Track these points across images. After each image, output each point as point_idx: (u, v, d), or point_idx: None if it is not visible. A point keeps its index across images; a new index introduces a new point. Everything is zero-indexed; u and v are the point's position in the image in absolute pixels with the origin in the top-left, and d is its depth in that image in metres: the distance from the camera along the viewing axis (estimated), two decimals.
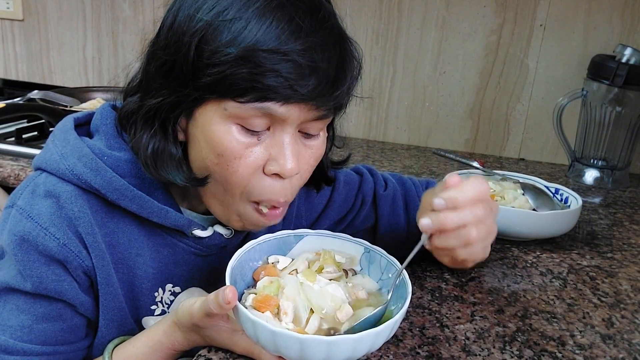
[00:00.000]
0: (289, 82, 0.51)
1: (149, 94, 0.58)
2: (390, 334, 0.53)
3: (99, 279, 0.60)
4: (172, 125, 0.58)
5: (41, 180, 0.60)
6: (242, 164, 0.56)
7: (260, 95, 0.52)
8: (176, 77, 0.55)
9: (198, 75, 0.53)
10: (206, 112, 0.55)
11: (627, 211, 1.14)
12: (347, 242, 0.65)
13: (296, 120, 0.55)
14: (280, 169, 0.56)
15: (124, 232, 0.62)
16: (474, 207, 0.55)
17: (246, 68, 0.51)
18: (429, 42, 1.48)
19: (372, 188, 0.82)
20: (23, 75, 1.91)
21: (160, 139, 0.58)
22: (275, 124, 0.55)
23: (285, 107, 0.53)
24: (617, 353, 0.63)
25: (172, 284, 0.67)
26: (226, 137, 0.55)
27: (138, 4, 1.72)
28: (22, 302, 0.58)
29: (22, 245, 0.57)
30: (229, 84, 0.52)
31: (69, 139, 0.60)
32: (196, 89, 0.54)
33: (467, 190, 0.55)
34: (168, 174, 0.58)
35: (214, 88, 0.53)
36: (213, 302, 0.51)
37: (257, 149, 0.56)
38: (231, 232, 0.67)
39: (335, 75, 0.54)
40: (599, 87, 1.24)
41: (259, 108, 0.53)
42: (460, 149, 1.53)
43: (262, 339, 0.50)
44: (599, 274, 0.83)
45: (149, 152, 0.58)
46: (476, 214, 0.55)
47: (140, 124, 0.59)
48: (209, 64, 0.52)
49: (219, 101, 0.54)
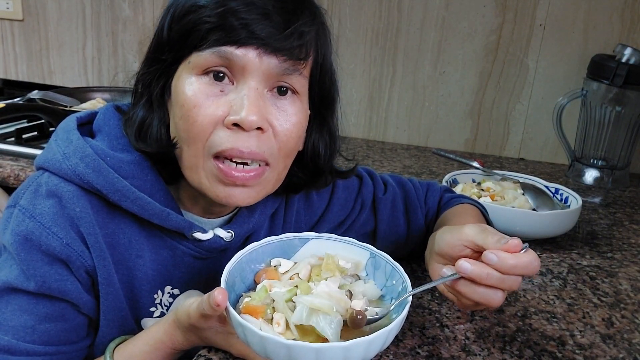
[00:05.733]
0: (240, 21, 0.55)
1: (141, 71, 0.63)
2: (385, 343, 0.51)
3: (100, 279, 0.60)
4: (157, 96, 0.61)
5: (44, 180, 0.60)
6: (200, 113, 0.56)
7: (216, 39, 0.55)
8: (157, 49, 0.60)
9: (170, 37, 0.58)
10: (177, 74, 0.59)
11: (627, 211, 1.14)
12: (353, 246, 0.64)
13: (257, 70, 0.56)
14: (239, 118, 0.56)
15: (125, 233, 0.62)
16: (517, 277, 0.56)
17: (206, 13, 0.55)
18: (429, 42, 1.48)
19: (372, 191, 0.82)
20: (23, 75, 1.91)
21: (147, 110, 0.62)
22: (238, 76, 0.57)
23: (241, 51, 0.55)
24: (617, 353, 0.63)
25: (171, 286, 0.67)
26: (188, 87, 0.57)
27: (138, 4, 1.72)
28: (25, 302, 0.58)
29: (25, 244, 0.57)
30: (192, 34, 0.56)
31: (72, 139, 0.60)
32: (170, 52, 0.59)
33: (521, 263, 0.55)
34: (147, 143, 0.61)
35: (181, 44, 0.57)
36: (206, 304, 0.51)
37: (218, 100, 0.57)
38: (231, 235, 0.67)
39: (288, 19, 0.57)
40: (598, 87, 1.24)
41: (217, 53, 0.56)
42: (460, 149, 1.53)
43: (252, 343, 0.49)
44: (599, 273, 0.83)
45: (137, 122, 0.61)
46: (512, 285, 0.55)
47: (135, 97, 0.63)
48: (178, 20, 0.57)
49: (186, 60, 0.58)
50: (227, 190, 0.59)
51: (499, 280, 0.55)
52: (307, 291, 0.55)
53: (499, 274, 0.55)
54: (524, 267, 0.55)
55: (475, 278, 0.55)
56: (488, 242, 0.57)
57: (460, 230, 0.61)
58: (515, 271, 0.55)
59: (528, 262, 0.55)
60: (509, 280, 0.55)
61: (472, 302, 0.57)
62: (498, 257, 0.55)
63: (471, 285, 0.56)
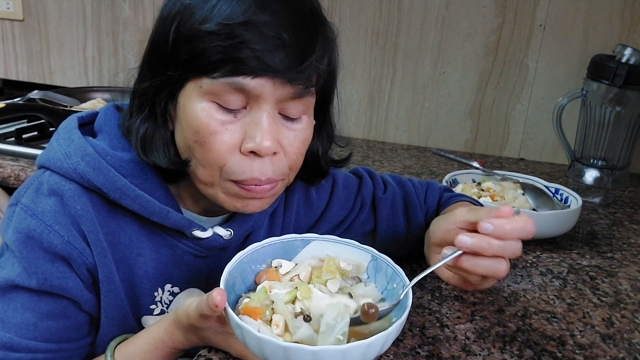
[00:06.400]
0: (256, 53, 0.53)
1: (141, 79, 0.61)
2: (383, 347, 0.51)
3: (101, 276, 0.61)
4: (161, 110, 0.60)
5: (45, 179, 0.60)
6: (217, 141, 0.56)
7: (230, 69, 0.54)
8: (160, 60, 0.58)
9: (177, 55, 0.56)
10: (186, 92, 0.57)
11: (627, 211, 1.14)
12: (355, 248, 0.63)
13: (270, 97, 0.56)
14: (255, 146, 0.56)
15: (125, 231, 0.63)
16: (517, 242, 0.56)
17: (217, 42, 0.53)
18: (429, 42, 1.48)
19: (372, 191, 0.82)
20: (23, 76, 1.91)
21: (150, 123, 0.60)
22: (251, 102, 0.56)
23: (256, 81, 0.54)
24: (617, 353, 0.63)
25: (171, 284, 0.67)
26: (202, 113, 0.56)
27: (138, 5, 1.72)
28: (27, 299, 0.59)
29: (27, 242, 0.57)
30: (202, 60, 0.54)
31: (73, 139, 0.61)
32: (175, 69, 0.56)
33: (517, 225, 0.56)
34: (155, 157, 0.60)
35: (190, 66, 0.55)
36: (204, 304, 0.51)
37: (233, 126, 0.57)
38: (230, 233, 0.67)
39: (303, 48, 0.55)
40: (598, 87, 1.24)
41: (231, 83, 0.54)
42: (460, 149, 1.53)
43: (249, 344, 0.49)
44: (599, 273, 0.83)
45: (140, 134, 0.60)
46: (514, 251, 0.56)
47: (134, 109, 0.61)
48: (185, 41, 0.55)
49: (196, 80, 0.56)
50: (243, 202, 0.61)
51: (500, 248, 0.56)
52: (306, 294, 0.55)
53: (499, 241, 0.56)
54: (521, 229, 0.57)
55: (477, 249, 0.56)
56: (480, 215, 0.60)
57: (452, 214, 0.64)
58: (513, 235, 0.56)
59: (524, 224, 0.57)
60: (509, 246, 0.56)
61: (478, 277, 0.58)
62: (494, 224, 0.56)
63: (474, 259, 0.57)
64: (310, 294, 0.55)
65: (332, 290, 0.57)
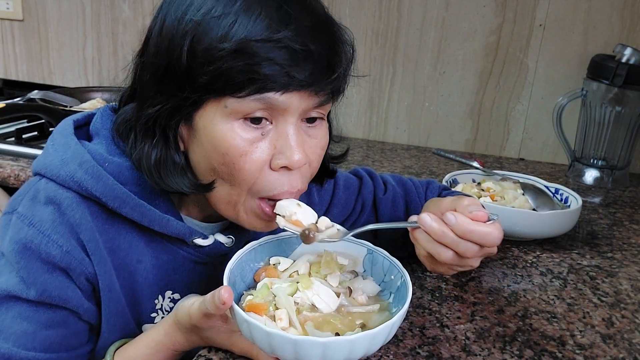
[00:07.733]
0: (284, 69, 0.51)
1: (146, 103, 0.57)
2: (388, 337, 0.52)
3: (101, 285, 0.60)
4: (173, 133, 0.57)
5: (41, 187, 0.59)
6: (248, 161, 0.55)
7: (258, 87, 0.52)
8: (171, 82, 0.54)
9: (194, 76, 0.52)
10: (206, 114, 0.55)
11: (627, 211, 1.14)
12: (350, 243, 0.65)
13: (297, 109, 0.55)
14: (287, 161, 0.55)
15: (125, 238, 0.61)
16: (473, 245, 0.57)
17: (241, 61, 0.51)
18: (429, 42, 1.48)
19: (372, 192, 0.82)
20: (23, 76, 1.91)
21: (163, 148, 0.57)
22: (277, 116, 0.55)
23: (285, 96, 0.53)
24: (617, 353, 0.63)
25: (171, 291, 0.67)
26: (229, 134, 0.54)
27: (138, 5, 1.72)
28: (25, 309, 0.57)
29: (25, 252, 0.56)
30: (226, 80, 0.51)
31: (70, 144, 0.59)
32: (194, 91, 0.53)
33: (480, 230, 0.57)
34: (174, 183, 0.58)
35: (211, 87, 0.52)
36: (210, 303, 0.51)
37: (262, 143, 0.55)
38: (232, 240, 0.67)
39: (329, 59, 0.54)
40: (598, 87, 1.24)
41: (259, 100, 0.52)
42: (460, 149, 1.53)
43: (258, 340, 0.50)
44: (599, 273, 0.83)
45: (152, 162, 0.57)
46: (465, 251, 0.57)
47: (140, 135, 0.58)
48: (203, 62, 0.51)
49: (218, 100, 0.53)
50: (266, 223, 0.61)
51: (453, 241, 0.57)
52: (308, 285, 0.56)
53: (453, 235, 0.57)
54: (481, 236, 0.57)
55: (430, 232, 0.58)
56: (458, 204, 0.61)
57: (441, 201, 0.65)
58: (470, 237, 0.57)
59: (486, 233, 0.57)
60: (462, 244, 0.57)
61: (424, 252, 0.60)
62: (457, 219, 0.57)
63: (426, 235, 0.59)
64: (311, 285, 0.56)
65: (332, 285, 0.58)
